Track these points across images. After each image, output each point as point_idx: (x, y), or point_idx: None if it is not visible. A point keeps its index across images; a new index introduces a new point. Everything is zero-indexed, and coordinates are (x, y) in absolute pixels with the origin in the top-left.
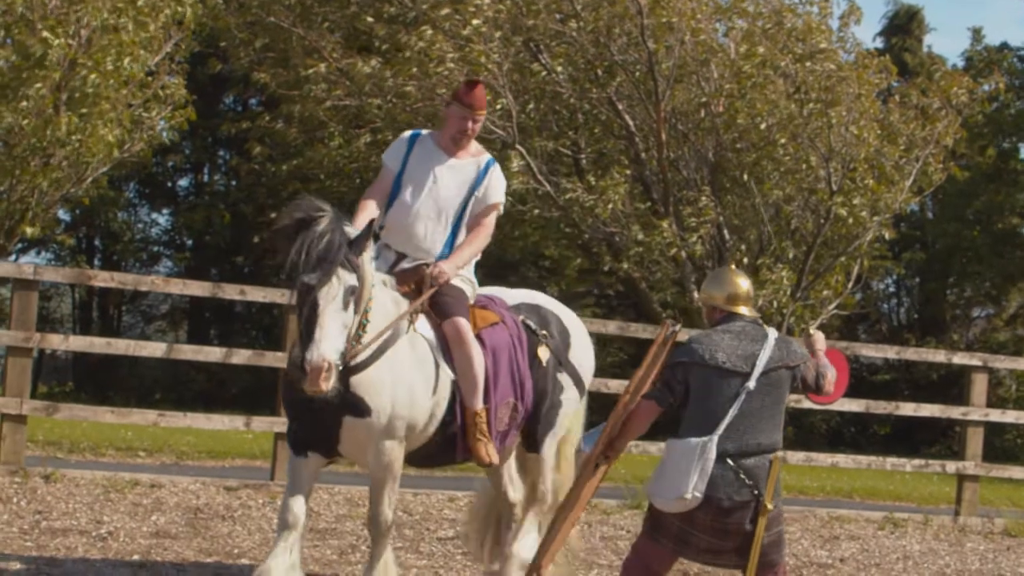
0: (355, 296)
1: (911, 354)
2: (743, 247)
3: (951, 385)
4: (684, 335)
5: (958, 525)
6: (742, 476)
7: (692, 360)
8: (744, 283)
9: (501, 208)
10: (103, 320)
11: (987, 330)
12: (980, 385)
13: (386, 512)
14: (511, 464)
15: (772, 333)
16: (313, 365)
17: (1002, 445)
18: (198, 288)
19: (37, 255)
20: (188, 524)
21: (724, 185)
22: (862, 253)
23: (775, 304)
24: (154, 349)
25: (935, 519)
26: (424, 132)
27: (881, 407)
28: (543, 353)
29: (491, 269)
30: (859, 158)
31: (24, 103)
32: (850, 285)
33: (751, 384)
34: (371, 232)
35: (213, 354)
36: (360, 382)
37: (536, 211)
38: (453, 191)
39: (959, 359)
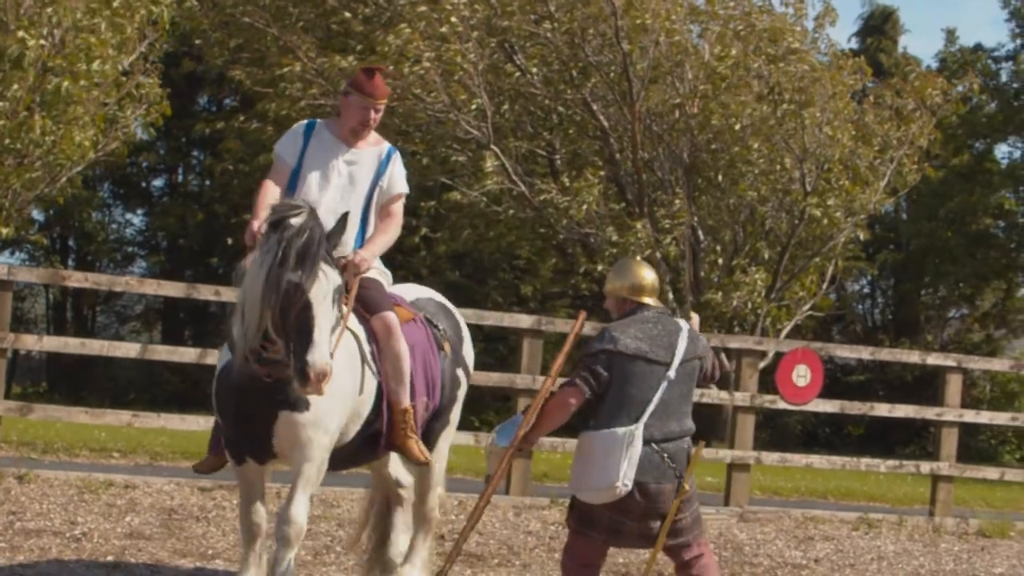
0: (340, 294)
1: (885, 355)
2: (718, 248)
3: (926, 386)
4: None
5: (932, 525)
6: (667, 460)
7: (616, 349)
8: (650, 274)
9: (404, 198)
10: (77, 320)
11: (961, 331)
12: (954, 386)
13: (303, 515)
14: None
15: (684, 324)
16: (319, 370)
17: (976, 446)
18: (172, 289)
19: (11, 255)
20: (162, 525)
21: (699, 186)
22: (836, 254)
23: (749, 305)
24: (128, 350)
25: (909, 520)
26: (319, 122)
27: (856, 408)
28: (446, 349)
29: (466, 269)
30: (833, 159)
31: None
32: (824, 286)
33: (671, 373)
34: (345, 226)
35: (187, 355)
36: None
37: (511, 211)
38: (358, 182)
39: (933, 360)
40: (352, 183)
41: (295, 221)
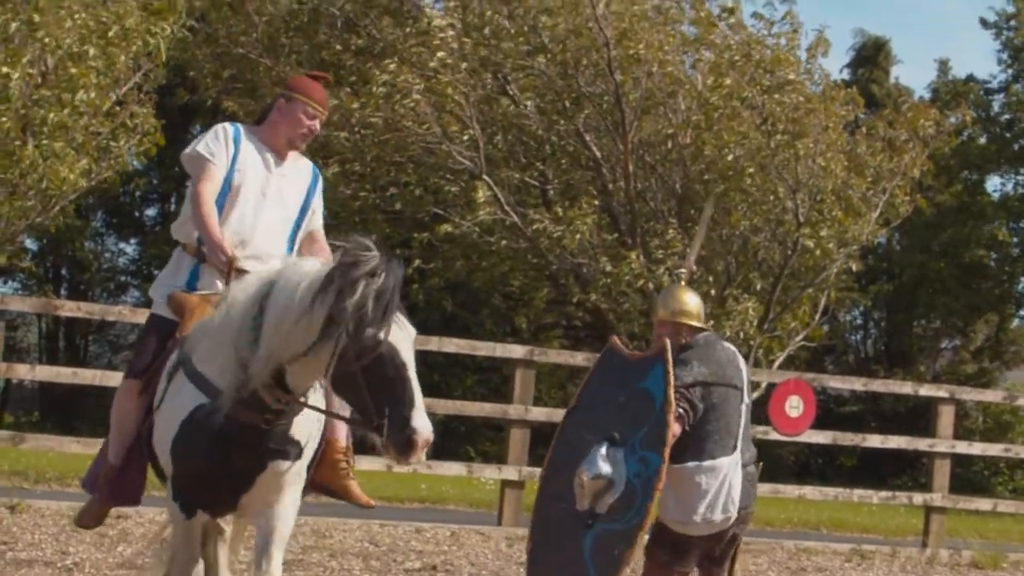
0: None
1: (878, 386)
2: (710, 278)
3: (918, 417)
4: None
5: (925, 557)
6: (754, 485)
7: (708, 380)
8: (694, 298)
9: None
10: (70, 350)
11: (954, 362)
12: (947, 417)
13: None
14: None
15: (733, 347)
16: (426, 437)
17: (969, 477)
18: None
19: (3, 284)
20: (154, 555)
21: (691, 216)
22: (829, 285)
23: (742, 335)
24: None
25: (902, 551)
26: (241, 127)
27: (848, 439)
28: None
29: (459, 299)
30: (826, 190)
31: None
32: (817, 317)
33: (746, 397)
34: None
35: None
36: (296, 421)
37: (503, 242)
38: (289, 202)
39: (926, 391)
40: (282, 201)
41: (380, 269)
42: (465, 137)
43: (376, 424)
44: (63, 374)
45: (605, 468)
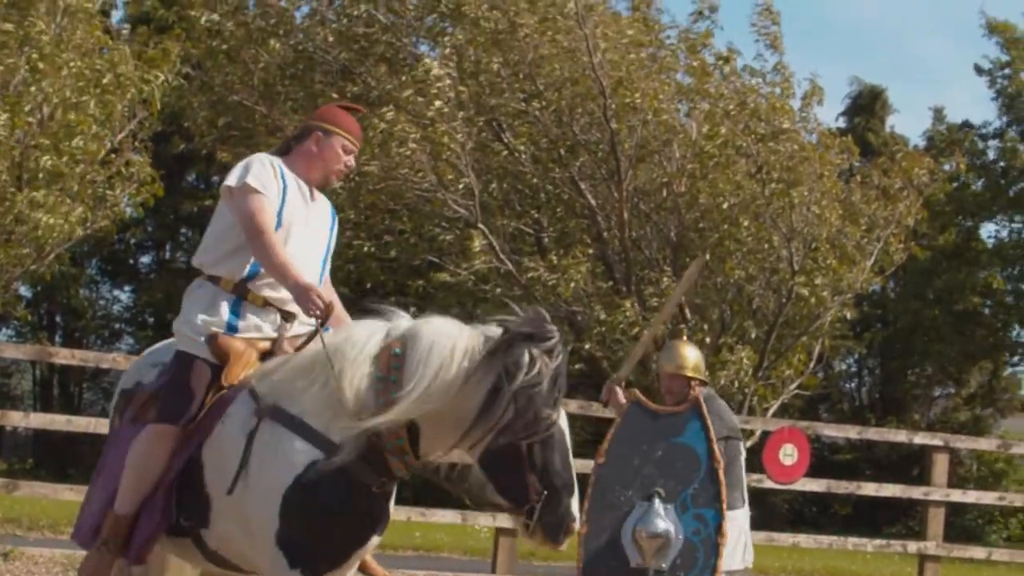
0: None
1: (872, 434)
2: (705, 326)
3: (912, 464)
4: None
5: None
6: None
7: (728, 434)
8: (693, 352)
9: None
10: (64, 397)
11: (948, 409)
12: (941, 465)
13: None
14: None
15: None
16: (577, 525)
17: (963, 524)
18: None
19: None
20: None
21: (686, 264)
22: (823, 333)
23: (736, 384)
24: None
25: None
26: (279, 160)
27: (843, 487)
28: None
29: None
30: (821, 238)
31: None
32: (811, 365)
33: (743, 448)
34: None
35: None
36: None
37: (498, 290)
38: (320, 240)
39: (920, 439)
40: (318, 240)
41: (558, 349)
42: (460, 185)
43: (527, 505)
44: (57, 421)
45: (663, 526)
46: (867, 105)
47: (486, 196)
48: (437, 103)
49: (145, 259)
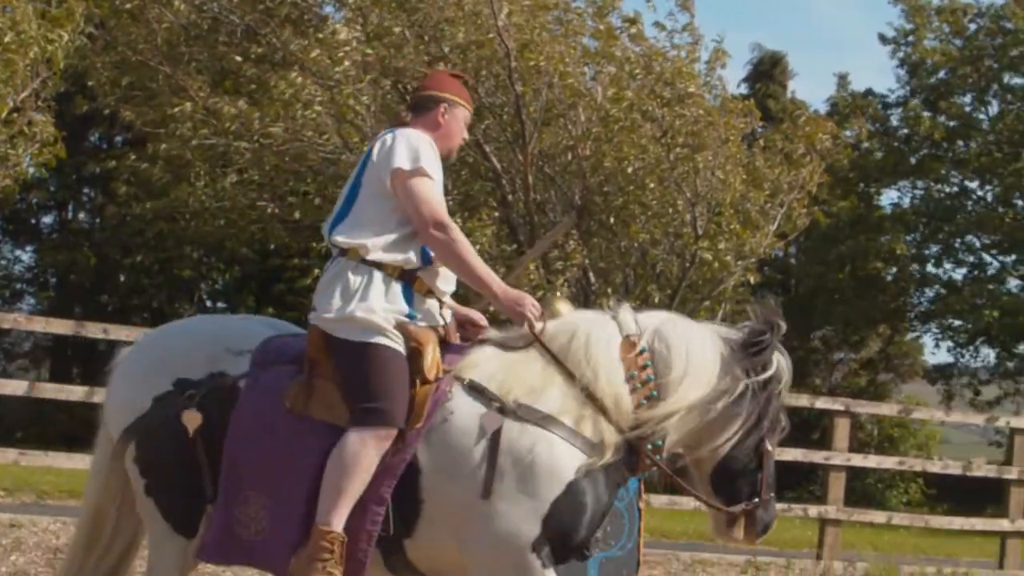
0: None
1: None
2: (608, 290)
3: (813, 429)
4: None
5: (820, 569)
6: None
7: None
8: (565, 307)
9: None
10: None
11: (848, 374)
12: (843, 430)
13: None
14: None
15: None
16: None
17: (863, 489)
18: (61, 326)
19: None
20: (48, 564)
21: (591, 228)
22: (726, 297)
23: None
24: (15, 387)
25: (797, 563)
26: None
27: None
28: None
29: None
30: (725, 202)
31: None
32: None
33: None
34: None
35: (75, 393)
36: None
37: None
38: None
39: (821, 404)
40: None
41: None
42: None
43: (751, 505)
44: None
45: None
46: (768, 71)
47: None
48: (343, 65)
49: (47, 219)
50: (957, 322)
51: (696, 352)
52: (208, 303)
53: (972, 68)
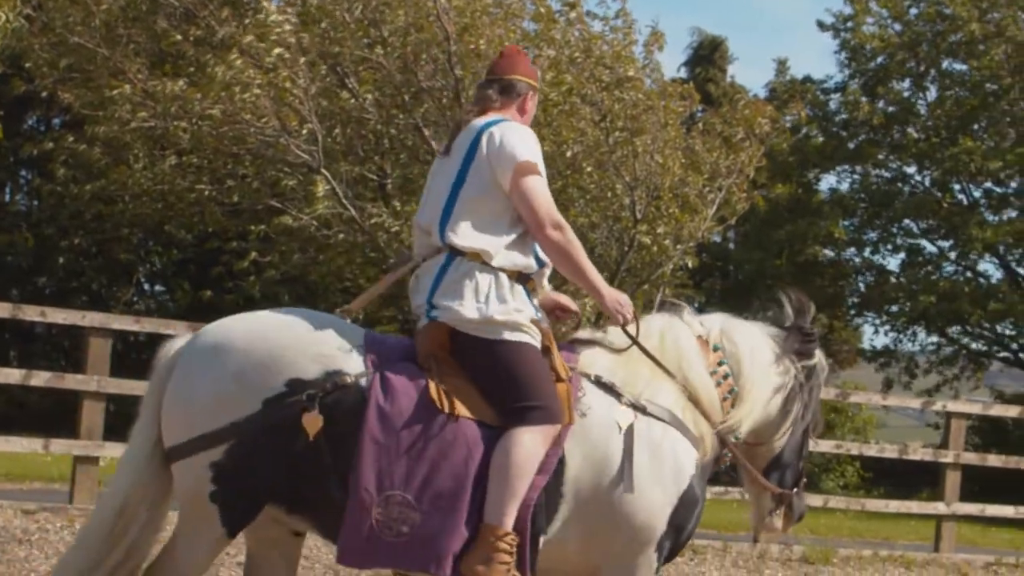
0: None
1: None
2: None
3: None
4: None
5: (757, 552)
6: None
7: None
8: None
9: None
10: None
11: None
12: None
13: None
14: None
15: None
16: None
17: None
18: None
19: None
20: None
21: None
22: (665, 281)
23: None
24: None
25: (734, 546)
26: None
27: None
28: None
29: (296, 292)
30: (664, 186)
31: None
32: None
33: None
34: None
35: (12, 376)
36: None
37: (341, 235)
38: None
39: None
40: None
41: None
42: (304, 131)
43: (785, 494)
44: None
45: None
46: (708, 56)
47: (329, 142)
48: (278, 50)
49: None
50: (895, 307)
51: (760, 350)
52: (146, 286)
53: (911, 54)
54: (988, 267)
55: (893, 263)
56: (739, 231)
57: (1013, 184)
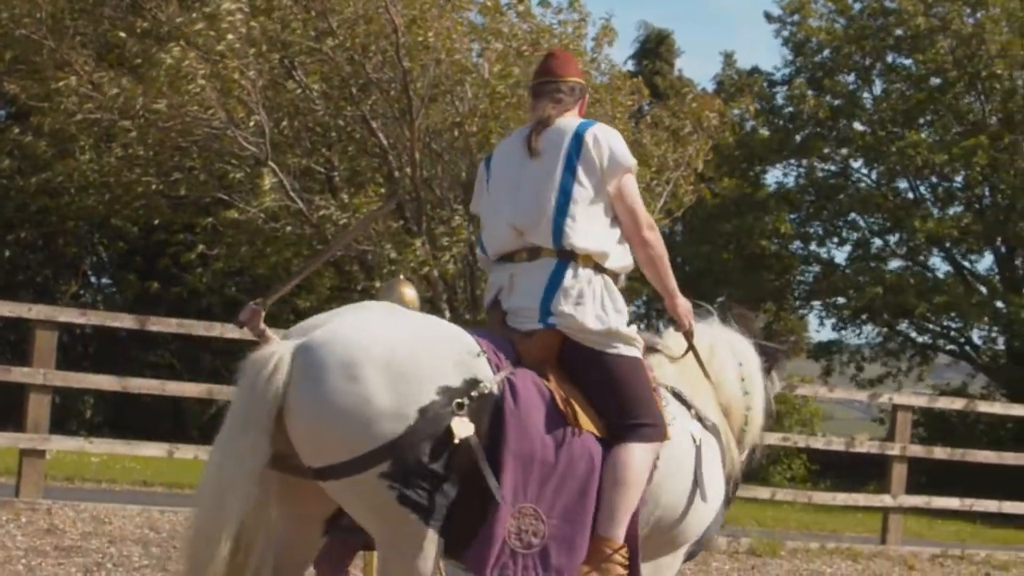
0: None
1: None
2: None
3: None
4: None
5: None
6: None
7: None
8: (412, 291)
9: None
10: None
11: None
12: None
13: None
14: None
15: None
16: None
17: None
18: None
19: None
20: None
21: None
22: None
23: None
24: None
25: None
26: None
27: None
28: None
29: (244, 285)
30: None
31: None
32: None
33: None
34: None
35: None
36: None
37: (289, 228)
38: None
39: None
40: None
41: None
42: (251, 123)
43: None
44: None
45: None
46: (655, 49)
47: (277, 134)
48: (229, 37)
49: None
50: (841, 300)
51: (759, 369)
52: (92, 279)
53: (856, 48)
54: (935, 260)
55: (840, 256)
56: (686, 224)
57: (958, 178)
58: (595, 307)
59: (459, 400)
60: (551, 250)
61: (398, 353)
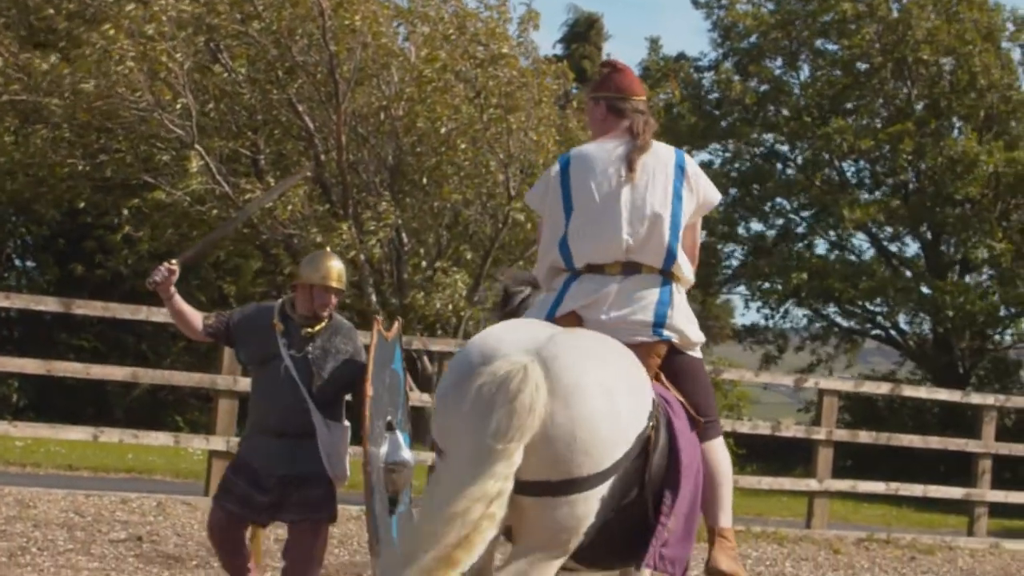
0: None
1: None
2: (421, 250)
3: None
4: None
5: None
6: None
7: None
8: (338, 263)
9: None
10: None
11: None
12: None
13: None
14: None
15: None
16: None
17: None
18: None
19: None
20: None
21: (404, 188)
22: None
23: (451, 307)
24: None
25: None
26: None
27: None
28: None
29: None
30: (538, 163)
31: None
32: None
33: None
34: None
35: None
36: None
37: (215, 211)
38: None
39: None
40: None
41: None
42: (178, 105)
43: None
44: None
45: (407, 455)
46: (583, 33)
47: (203, 117)
48: (164, 16)
49: None
50: (767, 284)
51: None
52: (16, 261)
53: (783, 33)
54: (861, 245)
55: (765, 239)
56: None
57: (884, 164)
58: (689, 319)
59: (654, 421)
60: (655, 269)
61: (623, 377)
